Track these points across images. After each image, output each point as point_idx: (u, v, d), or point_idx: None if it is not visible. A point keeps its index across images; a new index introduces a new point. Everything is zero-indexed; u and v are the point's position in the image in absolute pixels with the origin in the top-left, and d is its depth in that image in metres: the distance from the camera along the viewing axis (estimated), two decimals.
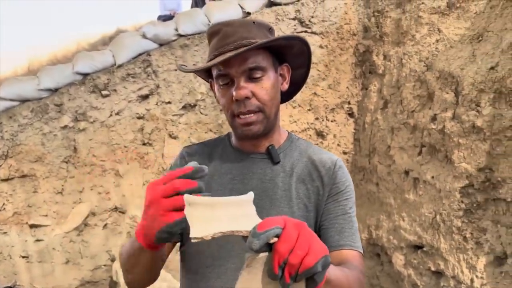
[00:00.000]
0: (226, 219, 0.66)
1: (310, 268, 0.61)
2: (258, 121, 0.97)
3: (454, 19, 3.10)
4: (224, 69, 0.95)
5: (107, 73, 3.81)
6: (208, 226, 0.65)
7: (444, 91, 2.87)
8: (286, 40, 1.01)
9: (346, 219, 1.00)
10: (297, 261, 0.61)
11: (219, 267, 0.97)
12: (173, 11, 6.37)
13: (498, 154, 2.45)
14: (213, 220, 0.66)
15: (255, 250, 0.62)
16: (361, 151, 3.93)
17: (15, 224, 3.59)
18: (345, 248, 0.96)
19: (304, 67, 1.10)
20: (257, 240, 0.61)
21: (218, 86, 0.99)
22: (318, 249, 0.63)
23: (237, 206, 0.69)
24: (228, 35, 0.96)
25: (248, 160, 1.05)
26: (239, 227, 0.66)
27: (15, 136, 3.61)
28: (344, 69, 4.09)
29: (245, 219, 0.68)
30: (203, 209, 0.67)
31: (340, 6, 4.06)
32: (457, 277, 2.69)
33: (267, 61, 0.99)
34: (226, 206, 0.68)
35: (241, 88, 0.94)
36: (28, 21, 14.93)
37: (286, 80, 1.07)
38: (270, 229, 0.62)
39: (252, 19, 1.03)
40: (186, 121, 3.86)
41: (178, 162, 1.10)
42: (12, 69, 4.84)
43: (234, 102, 0.95)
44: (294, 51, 1.04)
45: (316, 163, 1.04)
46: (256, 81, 0.96)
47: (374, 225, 3.52)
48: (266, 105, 0.98)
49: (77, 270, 3.67)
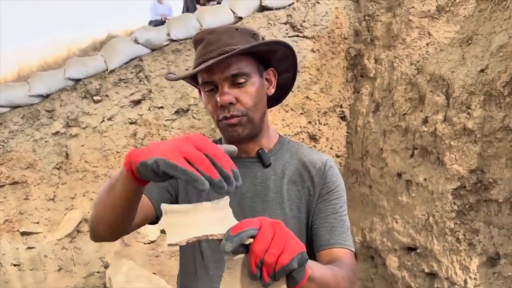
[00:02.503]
0: (201, 224, 0.67)
1: (286, 265, 0.62)
2: (241, 123, 0.98)
3: (444, 23, 3.14)
4: (207, 76, 0.97)
5: (99, 78, 3.79)
6: (183, 232, 0.66)
7: (435, 94, 2.90)
8: (268, 45, 1.02)
9: (337, 218, 1.01)
10: (273, 260, 0.62)
11: (215, 269, 0.98)
12: (164, 16, 6.38)
13: (489, 155, 2.48)
14: (189, 225, 0.67)
15: (229, 252, 0.63)
16: (354, 154, 3.95)
17: (6, 231, 3.55)
18: (336, 246, 0.97)
19: (291, 70, 1.10)
20: (230, 243, 0.62)
21: (204, 92, 1.01)
22: (294, 246, 0.64)
23: (213, 210, 0.70)
24: (211, 42, 0.98)
25: (239, 164, 1.04)
26: (213, 231, 0.66)
27: (6, 143, 3.58)
28: (336, 72, 4.11)
29: (221, 222, 0.68)
30: (179, 216, 0.68)
31: (331, 10, 4.09)
32: (450, 279, 2.71)
33: (250, 66, 0.99)
34: (201, 211, 0.69)
35: (225, 94, 0.96)
36: (17, 27, 14.86)
37: (273, 84, 1.07)
38: (243, 231, 0.63)
39: (235, 26, 1.05)
40: (179, 126, 3.85)
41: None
42: (2, 75, 4.80)
43: (219, 107, 0.97)
44: (278, 56, 1.05)
45: (306, 164, 1.05)
46: (240, 87, 0.97)
47: (368, 227, 3.53)
48: (250, 110, 0.99)
49: (70, 278, 3.63)
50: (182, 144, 0.66)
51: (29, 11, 15.93)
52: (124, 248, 3.65)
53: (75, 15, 14.72)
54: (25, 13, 16.36)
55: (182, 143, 0.66)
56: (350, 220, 1.05)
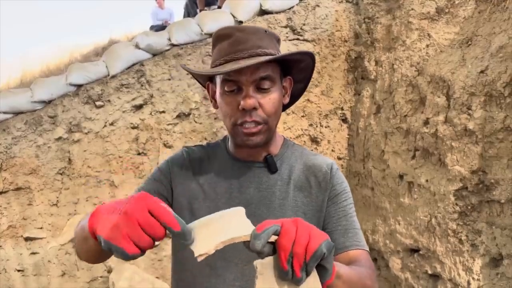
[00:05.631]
0: (223, 231, 0.68)
1: (316, 251, 0.63)
2: (261, 132, 0.96)
3: (444, 24, 3.15)
4: (234, 75, 0.93)
5: (100, 84, 3.81)
6: (208, 241, 0.67)
7: (435, 95, 2.90)
8: (301, 55, 1.01)
9: (348, 220, 1.01)
10: (302, 249, 0.63)
11: (216, 277, 0.97)
12: (165, 21, 6.42)
13: (490, 156, 2.48)
14: (211, 235, 0.68)
15: (259, 251, 0.64)
16: (355, 156, 3.96)
17: (10, 237, 3.56)
18: (352, 248, 0.97)
19: (304, 82, 1.10)
20: (259, 240, 0.63)
21: (222, 91, 0.97)
22: (318, 234, 0.65)
23: (230, 217, 0.71)
24: (240, 41, 0.95)
25: (245, 169, 1.04)
26: (236, 234, 0.67)
27: (9, 149, 3.60)
28: (337, 75, 4.12)
29: (241, 227, 0.69)
30: (200, 229, 0.69)
31: (331, 13, 4.10)
32: (454, 280, 2.70)
33: (276, 73, 0.98)
34: (220, 220, 0.70)
35: (250, 98, 0.93)
36: (19, 33, 14.94)
37: (288, 93, 1.06)
38: (268, 227, 0.64)
39: (263, 28, 1.02)
40: (181, 130, 3.86)
41: (179, 158, 1.09)
42: (4, 81, 4.83)
43: (240, 111, 0.94)
44: (302, 66, 1.04)
45: (312, 168, 1.05)
46: (264, 92, 0.95)
47: (370, 229, 3.53)
48: (270, 117, 0.97)
49: (73, 282, 3.64)
50: (133, 215, 0.64)
51: (32, 17, 15.96)
52: None
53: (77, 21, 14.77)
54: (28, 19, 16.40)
55: (133, 211, 0.65)
56: None
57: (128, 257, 0.64)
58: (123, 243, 0.64)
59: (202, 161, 1.08)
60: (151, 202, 0.66)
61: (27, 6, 28.89)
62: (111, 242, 0.64)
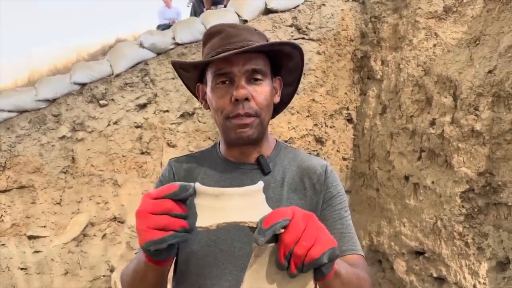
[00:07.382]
0: (233, 210, 0.67)
1: (316, 259, 0.62)
2: (253, 125, 0.95)
3: (451, 23, 3.10)
4: (225, 67, 0.93)
5: (104, 82, 3.81)
6: (214, 216, 0.67)
7: (442, 96, 2.86)
8: (291, 47, 1.00)
9: (344, 224, 0.99)
10: (303, 252, 0.62)
11: (211, 286, 0.95)
12: (172, 20, 6.41)
13: (498, 158, 2.43)
14: (220, 210, 0.67)
15: (262, 245, 0.64)
16: (361, 156, 3.91)
17: (13, 235, 3.57)
18: (348, 253, 0.96)
19: (293, 85, 1.09)
20: (263, 237, 0.62)
21: (214, 85, 0.96)
22: (325, 240, 0.64)
23: (245, 196, 0.70)
24: (232, 35, 0.95)
25: (237, 171, 1.03)
26: (244, 218, 0.67)
27: (13, 147, 3.60)
28: (342, 75, 4.08)
29: (253, 209, 0.68)
30: (211, 199, 0.68)
31: (337, 12, 4.06)
32: (459, 283, 2.65)
33: (267, 68, 0.98)
34: (234, 196, 0.69)
35: (243, 88, 0.92)
36: (27, 33, 15.07)
37: (278, 93, 1.06)
38: (276, 223, 0.63)
39: (253, 27, 1.03)
40: (184, 129, 3.85)
41: (167, 174, 1.08)
42: (12, 80, 4.86)
43: (232, 102, 0.93)
44: (291, 66, 1.03)
45: (306, 170, 1.03)
46: (255, 84, 0.95)
47: (375, 231, 3.49)
48: (262, 110, 0.96)
49: (76, 281, 3.64)
50: (143, 211, 0.69)
51: (32, 17, 16.14)
52: (129, 252, 3.64)
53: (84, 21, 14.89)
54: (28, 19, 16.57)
55: (141, 209, 0.69)
56: (357, 223, 1.04)
57: (160, 242, 0.67)
58: (147, 236, 0.67)
59: (191, 167, 1.07)
60: (152, 193, 0.70)
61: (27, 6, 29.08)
62: (142, 243, 0.68)
